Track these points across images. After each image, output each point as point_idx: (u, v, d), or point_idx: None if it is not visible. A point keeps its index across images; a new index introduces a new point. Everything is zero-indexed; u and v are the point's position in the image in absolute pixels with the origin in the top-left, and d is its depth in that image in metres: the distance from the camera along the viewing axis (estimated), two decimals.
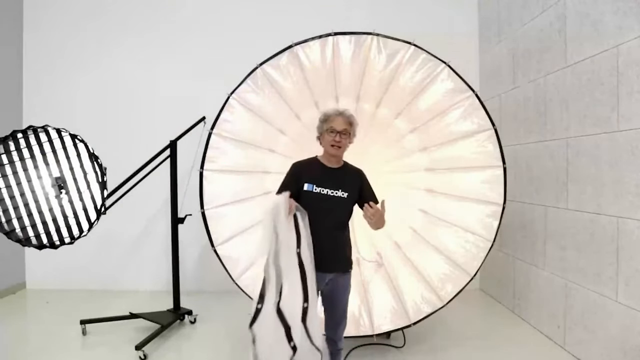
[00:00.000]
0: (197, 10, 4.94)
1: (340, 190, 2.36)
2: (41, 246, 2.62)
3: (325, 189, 2.34)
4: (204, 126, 3.93)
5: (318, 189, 2.34)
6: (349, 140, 2.42)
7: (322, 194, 2.34)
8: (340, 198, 2.36)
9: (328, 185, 2.35)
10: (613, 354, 2.74)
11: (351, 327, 3.09)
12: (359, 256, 3.25)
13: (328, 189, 2.34)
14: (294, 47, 3.14)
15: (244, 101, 3.19)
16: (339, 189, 2.36)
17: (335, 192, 2.35)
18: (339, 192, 2.35)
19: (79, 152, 2.66)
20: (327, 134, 2.37)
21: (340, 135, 2.34)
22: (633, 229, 2.58)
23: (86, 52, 4.95)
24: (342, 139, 2.35)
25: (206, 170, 3.17)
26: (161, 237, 4.74)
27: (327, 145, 2.38)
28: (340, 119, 2.37)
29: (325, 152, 2.44)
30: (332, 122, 2.36)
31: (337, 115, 2.39)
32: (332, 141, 2.34)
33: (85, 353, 3.32)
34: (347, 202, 2.39)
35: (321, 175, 2.37)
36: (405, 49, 3.13)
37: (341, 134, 2.34)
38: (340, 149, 2.37)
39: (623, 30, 2.65)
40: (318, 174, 2.38)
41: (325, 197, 2.33)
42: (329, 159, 2.42)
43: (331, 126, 2.35)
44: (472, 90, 3.14)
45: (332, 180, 2.37)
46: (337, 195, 2.35)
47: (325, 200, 2.33)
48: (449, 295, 3.11)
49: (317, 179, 2.35)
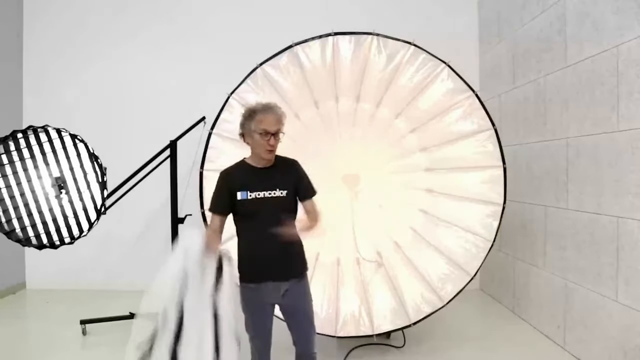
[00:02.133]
0: (198, 11, 4.94)
1: (278, 189, 2.13)
2: (41, 246, 2.62)
3: (260, 192, 2.11)
4: (204, 126, 3.93)
5: (253, 194, 2.10)
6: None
7: (259, 197, 2.10)
8: (279, 198, 2.13)
9: (262, 187, 2.11)
10: (613, 354, 2.74)
11: (351, 327, 3.09)
12: (359, 256, 3.25)
13: (264, 192, 2.11)
14: (294, 47, 3.14)
15: (244, 101, 3.19)
16: (276, 188, 2.12)
17: (272, 192, 2.12)
18: (276, 192, 2.12)
19: (79, 152, 2.66)
20: (257, 135, 2.08)
21: (275, 138, 2.09)
22: (633, 229, 2.58)
23: (86, 52, 4.95)
24: (276, 141, 2.10)
25: (206, 170, 3.16)
26: (161, 237, 4.73)
27: (259, 148, 2.11)
28: (272, 118, 2.09)
29: (254, 154, 2.18)
30: (263, 123, 2.07)
31: (267, 113, 2.10)
32: (267, 144, 2.07)
33: (85, 353, 3.32)
34: (288, 201, 2.16)
35: (253, 179, 2.14)
36: (405, 49, 3.13)
37: (275, 136, 2.09)
38: (273, 153, 2.14)
39: (623, 30, 2.64)
40: (249, 178, 2.14)
41: (262, 200, 2.10)
42: (258, 160, 2.17)
43: (263, 128, 2.06)
44: (472, 90, 3.14)
45: (266, 181, 2.13)
46: (275, 196, 2.12)
47: (263, 204, 2.10)
48: (449, 295, 3.11)
49: (249, 184, 2.12)
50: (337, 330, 3.06)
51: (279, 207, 2.13)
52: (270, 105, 2.14)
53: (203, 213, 3.15)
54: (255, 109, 2.12)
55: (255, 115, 2.10)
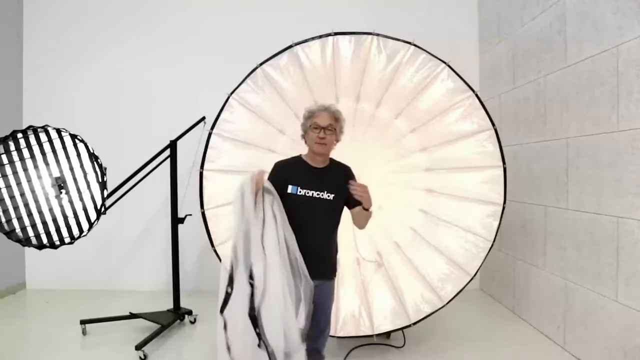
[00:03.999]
0: (198, 10, 4.94)
1: (326, 191, 2.20)
2: (41, 246, 2.61)
3: (310, 191, 2.19)
4: (204, 126, 3.93)
5: (303, 191, 2.19)
6: (336, 138, 2.26)
7: (308, 196, 2.19)
8: (326, 200, 2.21)
9: (313, 186, 2.20)
10: (613, 354, 2.74)
11: (351, 327, 3.09)
12: (359, 256, 3.25)
13: (313, 191, 2.19)
14: (294, 47, 3.14)
15: (244, 101, 3.19)
16: (324, 190, 2.20)
17: (320, 193, 2.20)
18: (324, 194, 2.20)
19: (79, 152, 2.65)
20: (311, 130, 2.21)
21: (325, 132, 2.18)
22: (633, 229, 2.58)
23: (86, 52, 4.95)
24: (326, 135, 2.18)
25: (206, 170, 3.16)
26: (161, 237, 4.73)
27: (311, 142, 2.22)
28: (325, 115, 2.21)
29: (309, 150, 2.28)
30: (316, 118, 2.21)
31: (321, 111, 2.23)
32: (317, 138, 2.18)
33: (85, 353, 3.32)
34: (333, 204, 2.24)
35: (306, 176, 2.22)
36: (405, 49, 3.13)
37: (326, 130, 2.18)
38: (325, 147, 2.21)
39: (623, 30, 2.64)
40: (303, 175, 2.23)
41: (310, 199, 2.19)
42: (313, 158, 2.26)
43: (315, 122, 2.20)
44: (472, 90, 3.13)
45: (317, 181, 2.22)
46: (323, 198, 2.20)
47: (310, 203, 2.19)
48: (449, 295, 3.11)
49: (301, 180, 2.20)
50: (337, 330, 3.06)
51: (324, 210, 2.21)
52: (326, 105, 2.26)
53: (203, 213, 3.15)
54: (312, 109, 2.26)
55: (312, 114, 2.23)
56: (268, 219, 2.08)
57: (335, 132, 2.23)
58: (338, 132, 2.26)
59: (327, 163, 2.31)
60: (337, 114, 2.25)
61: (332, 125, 2.21)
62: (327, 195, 2.20)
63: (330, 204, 2.22)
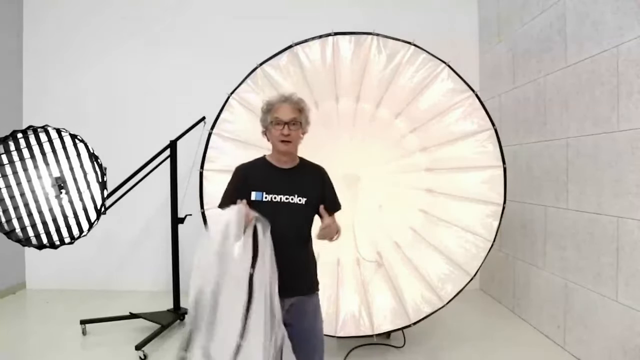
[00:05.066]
0: (198, 10, 4.94)
1: (297, 195, 1.93)
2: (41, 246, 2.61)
3: (277, 196, 1.91)
4: (204, 126, 3.93)
5: (269, 197, 1.91)
6: (302, 131, 1.98)
7: (275, 201, 1.90)
8: (297, 205, 1.93)
9: (280, 190, 1.92)
10: (613, 354, 2.74)
11: (351, 327, 3.09)
12: (359, 256, 3.25)
13: (281, 195, 1.91)
14: (294, 47, 3.14)
15: (244, 101, 3.19)
16: (295, 193, 1.93)
17: (290, 197, 1.92)
18: (294, 198, 1.92)
19: (79, 152, 2.65)
20: (272, 127, 1.94)
21: (289, 127, 1.91)
22: (633, 229, 2.58)
23: (86, 52, 4.94)
24: (291, 131, 1.92)
25: (206, 170, 3.16)
26: (161, 237, 4.73)
27: (274, 140, 1.95)
28: (287, 107, 1.94)
29: (273, 150, 2.01)
30: (277, 112, 1.93)
31: (281, 102, 1.95)
32: (280, 135, 1.91)
33: (85, 353, 3.32)
34: (306, 210, 1.96)
35: (271, 179, 1.95)
36: (405, 49, 3.13)
37: (290, 125, 1.91)
38: (291, 144, 1.94)
39: (623, 30, 2.64)
40: (267, 178, 1.95)
41: (278, 205, 1.90)
42: (278, 158, 1.99)
43: (276, 117, 1.92)
44: (472, 90, 3.14)
45: (286, 184, 1.94)
46: (293, 202, 1.92)
47: (279, 210, 1.89)
48: (449, 295, 3.11)
49: (266, 185, 1.92)
50: (337, 330, 3.06)
51: (295, 216, 1.94)
52: (286, 95, 1.99)
53: (203, 213, 3.15)
54: (271, 101, 1.99)
55: (272, 106, 1.97)
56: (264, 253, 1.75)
57: (300, 125, 1.96)
58: (304, 124, 1.99)
59: (296, 163, 2.04)
60: (300, 104, 1.98)
61: (296, 118, 1.94)
62: (298, 200, 1.93)
63: (302, 208, 1.94)
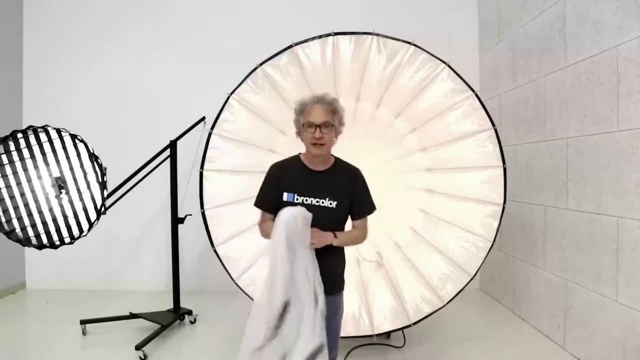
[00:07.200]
0: (198, 10, 4.94)
1: (328, 198, 1.90)
2: (41, 246, 2.61)
3: (309, 198, 1.89)
4: (204, 126, 3.92)
5: (300, 199, 1.89)
6: (336, 132, 1.93)
7: (306, 204, 1.88)
8: (328, 209, 1.90)
9: (312, 193, 1.90)
10: (613, 354, 2.74)
11: (351, 327, 3.09)
12: (359, 256, 3.25)
13: (312, 198, 1.89)
14: (294, 47, 3.14)
15: (244, 101, 3.19)
16: (326, 197, 1.90)
17: (321, 201, 1.89)
18: (325, 202, 1.89)
19: (79, 152, 2.65)
20: (305, 130, 1.89)
21: (321, 130, 1.85)
22: (633, 229, 2.58)
23: (86, 51, 4.95)
24: (323, 134, 1.85)
25: (206, 170, 3.16)
26: (161, 237, 4.74)
27: (307, 143, 1.90)
28: (319, 109, 1.87)
29: (307, 151, 1.97)
30: (309, 115, 1.87)
31: (314, 104, 1.89)
32: (312, 139, 1.85)
33: (85, 353, 3.32)
34: (337, 213, 1.93)
35: (303, 181, 1.92)
36: (405, 49, 3.13)
37: (322, 128, 1.85)
38: (324, 147, 1.89)
39: (623, 30, 2.65)
40: (299, 180, 1.92)
41: (309, 208, 1.88)
42: (312, 160, 1.95)
43: (308, 120, 1.86)
44: (472, 90, 3.13)
45: (317, 187, 1.91)
46: (324, 206, 1.90)
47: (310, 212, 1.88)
48: (449, 295, 3.11)
49: (298, 186, 1.90)
50: None
51: (326, 220, 1.90)
52: (318, 96, 1.92)
53: (203, 213, 3.15)
54: (303, 102, 1.93)
55: (305, 108, 1.91)
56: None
57: (333, 127, 1.90)
58: (337, 126, 1.93)
59: (330, 164, 1.99)
60: (333, 105, 1.92)
61: (329, 121, 1.87)
62: (329, 203, 1.90)
63: (333, 212, 1.92)
